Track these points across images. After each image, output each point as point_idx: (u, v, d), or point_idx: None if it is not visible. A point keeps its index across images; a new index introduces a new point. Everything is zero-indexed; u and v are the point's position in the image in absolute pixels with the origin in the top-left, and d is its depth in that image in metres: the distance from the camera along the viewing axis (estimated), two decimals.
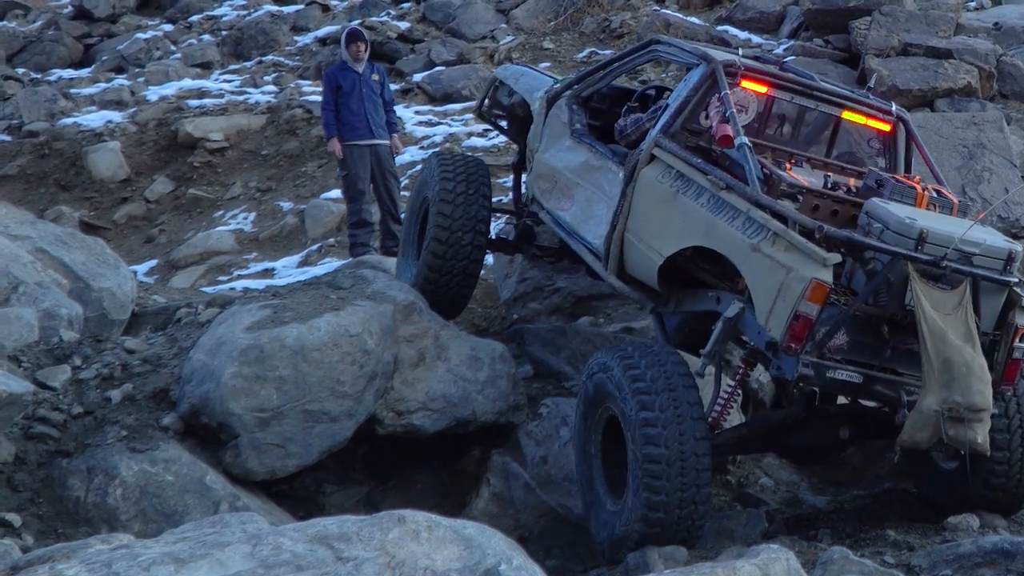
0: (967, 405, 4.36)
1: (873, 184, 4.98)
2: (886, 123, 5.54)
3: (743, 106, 5.28)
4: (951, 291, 4.47)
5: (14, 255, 5.84)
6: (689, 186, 5.00)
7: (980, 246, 4.52)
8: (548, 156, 6.07)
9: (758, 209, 4.66)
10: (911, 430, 4.46)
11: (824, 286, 4.35)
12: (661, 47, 5.72)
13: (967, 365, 4.37)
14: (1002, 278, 4.58)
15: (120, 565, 2.75)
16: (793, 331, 4.39)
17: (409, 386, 5.53)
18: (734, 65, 5.22)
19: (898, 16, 10.57)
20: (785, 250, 4.48)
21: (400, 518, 2.98)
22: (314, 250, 9.58)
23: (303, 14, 14.52)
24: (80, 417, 5.03)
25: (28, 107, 12.14)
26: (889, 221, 4.52)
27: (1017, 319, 4.66)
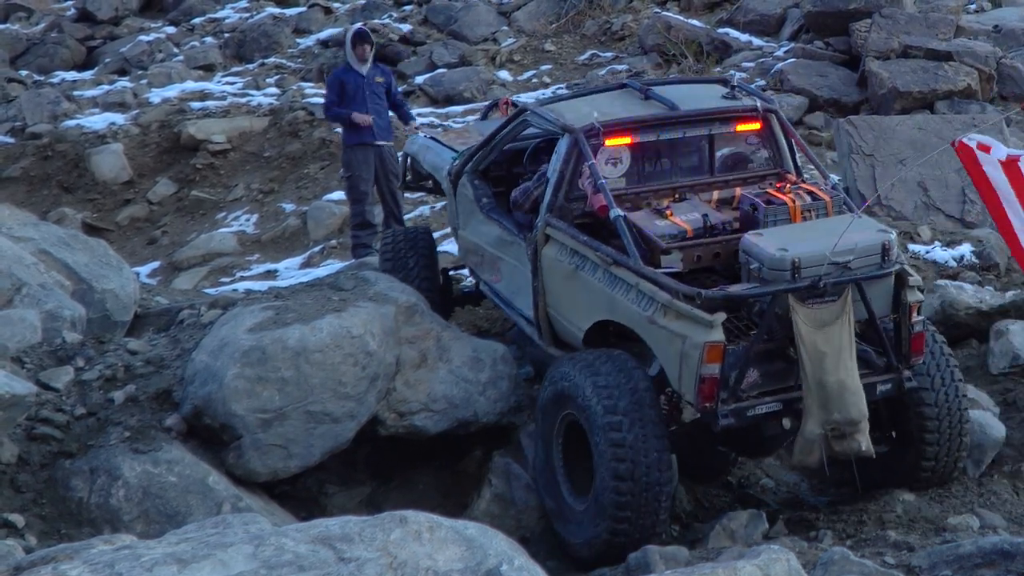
0: (845, 421, 4.68)
1: (748, 209, 5.23)
2: (754, 121, 5.67)
3: (616, 158, 5.47)
4: (833, 303, 4.71)
5: (17, 257, 5.86)
6: (585, 262, 5.26)
7: (854, 250, 4.74)
8: (468, 232, 6.33)
9: (644, 281, 4.89)
10: (799, 455, 4.80)
11: (718, 346, 4.61)
12: (531, 116, 5.85)
13: (840, 382, 4.66)
14: (882, 272, 4.83)
15: (123, 566, 2.77)
16: (703, 392, 4.66)
17: (411, 387, 5.54)
18: (593, 128, 5.38)
19: (898, 18, 10.59)
20: (676, 319, 4.73)
21: (402, 519, 2.99)
22: (316, 251, 9.59)
23: (305, 16, 14.55)
24: (83, 418, 5.05)
25: (31, 109, 12.17)
26: (763, 258, 4.76)
27: (909, 297, 4.94)
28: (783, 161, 5.71)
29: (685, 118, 5.53)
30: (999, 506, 5.33)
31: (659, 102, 5.59)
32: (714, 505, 5.66)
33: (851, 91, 10.44)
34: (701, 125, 5.58)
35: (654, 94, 5.67)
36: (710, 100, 5.71)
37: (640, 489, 4.74)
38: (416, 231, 7.00)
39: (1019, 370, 6.23)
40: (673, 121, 5.51)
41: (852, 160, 8.33)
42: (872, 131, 8.49)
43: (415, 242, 6.73)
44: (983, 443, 5.56)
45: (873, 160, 8.26)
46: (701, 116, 5.57)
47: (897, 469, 5.31)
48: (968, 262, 7.21)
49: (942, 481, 5.36)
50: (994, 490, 5.44)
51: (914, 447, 5.23)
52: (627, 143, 5.47)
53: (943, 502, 5.31)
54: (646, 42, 12.05)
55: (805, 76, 10.62)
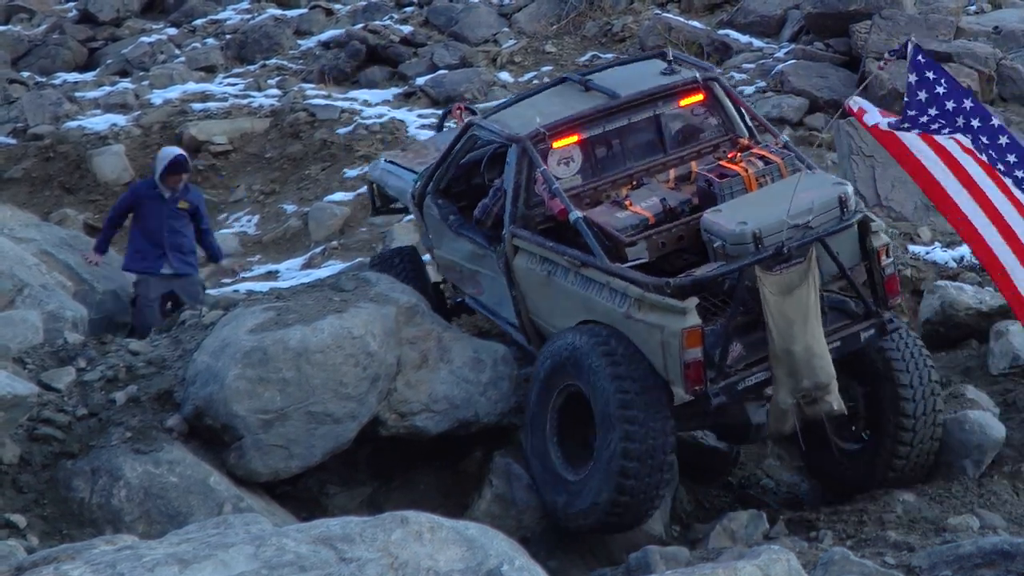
0: (815, 386, 4.78)
1: (704, 186, 5.30)
2: (696, 92, 5.70)
3: (567, 158, 5.52)
4: (798, 266, 4.79)
5: (19, 258, 5.88)
6: (556, 268, 5.32)
7: (812, 209, 4.82)
8: (443, 251, 6.38)
9: (614, 278, 4.97)
10: (774, 423, 4.92)
11: (696, 330, 4.70)
12: (477, 130, 5.89)
13: (807, 348, 4.75)
14: (843, 225, 4.93)
15: (124, 566, 2.78)
16: (690, 377, 4.74)
17: (412, 388, 5.55)
18: (539, 134, 5.42)
19: (898, 20, 10.59)
20: (651, 311, 4.82)
21: (403, 519, 3.00)
22: (317, 252, 9.61)
23: (306, 18, 14.55)
24: (84, 419, 5.06)
25: (33, 110, 12.17)
26: (725, 236, 4.85)
27: (874, 242, 5.06)
28: (734, 126, 5.76)
29: (627, 104, 5.55)
30: (999, 506, 5.34)
31: (600, 92, 5.63)
32: (714, 505, 5.67)
33: (851, 92, 10.41)
34: (645, 108, 5.61)
35: (594, 84, 5.72)
36: (650, 79, 5.74)
37: (647, 451, 4.80)
38: (401, 250, 6.99)
39: (1019, 370, 6.23)
40: (616, 109, 5.54)
41: (852, 161, 8.33)
42: None
43: (401, 259, 6.71)
44: (983, 443, 5.56)
45: (873, 161, 8.27)
46: (643, 99, 5.60)
47: (872, 465, 5.37)
48: (968, 263, 7.21)
49: (916, 476, 5.42)
50: (994, 490, 5.45)
51: (889, 440, 5.29)
52: (575, 141, 5.52)
53: (943, 502, 5.32)
54: (647, 43, 12.04)
55: (805, 77, 10.62)
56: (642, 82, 5.73)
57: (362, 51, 13.04)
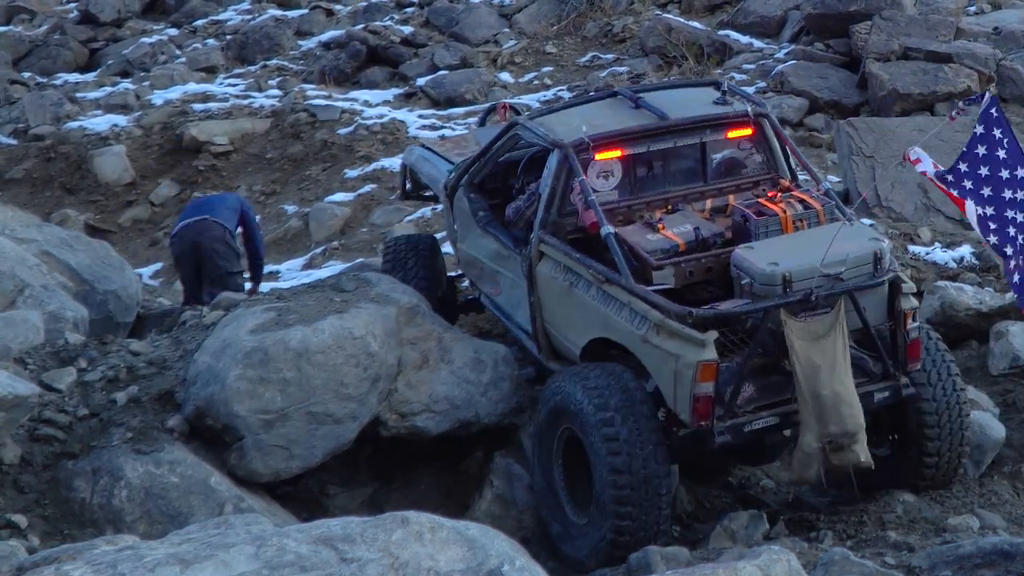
0: (842, 433, 4.67)
1: (740, 221, 5.21)
2: (746, 127, 5.63)
3: (607, 171, 5.45)
4: (826, 315, 4.70)
5: (20, 258, 5.88)
6: (578, 280, 5.25)
7: (845, 261, 4.73)
8: (466, 246, 6.34)
9: (636, 299, 4.89)
10: (798, 469, 4.80)
11: (711, 365, 4.62)
12: (521, 130, 5.83)
13: (836, 395, 4.65)
14: (873, 282, 4.84)
15: (125, 566, 2.78)
16: (697, 412, 4.67)
17: (412, 388, 5.56)
18: (583, 143, 5.35)
19: (898, 21, 10.60)
20: (669, 338, 4.74)
21: (404, 519, 3.00)
22: (318, 253, 9.62)
23: (307, 18, 14.57)
24: (85, 419, 5.06)
25: (34, 111, 12.19)
26: (754, 274, 4.77)
27: (903, 304, 4.95)
28: (777, 165, 5.70)
29: (675, 127, 5.49)
30: (999, 507, 5.35)
31: (649, 111, 5.56)
32: (715, 506, 5.67)
33: (851, 93, 10.45)
34: (692, 134, 5.55)
35: (644, 103, 5.63)
36: (701, 106, 5.67)
37: (639, 482, 4.75)
38: (419, 237, 6.99)
39: (1019, 371, 6.24)
40: (663, 131, 5.48)
41: (852, 162, 8.34)
42: (872, 133, 8.50)
43: (417, 247, 6.72)
44: (983, 444, 5.57)
45: (873, 162, 8.28)
46: (691, 124, 5.53)
47: (899, 471, 5.31)
48: (968, 263, 7.22)
49: (945, 482, 5.36)
50: (994, 490, 5.46)
51: (916, 448, 5.23)
52: (617, 156, 5.44)
53: (943, 503, 5.32)
54: (647, 44, 12.06)
55: (805, 78, 10.63)
56: (693, 108, 5.64)
57: (363, 52, 13.05)
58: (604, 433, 4.78)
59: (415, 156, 7.18)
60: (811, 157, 9.34)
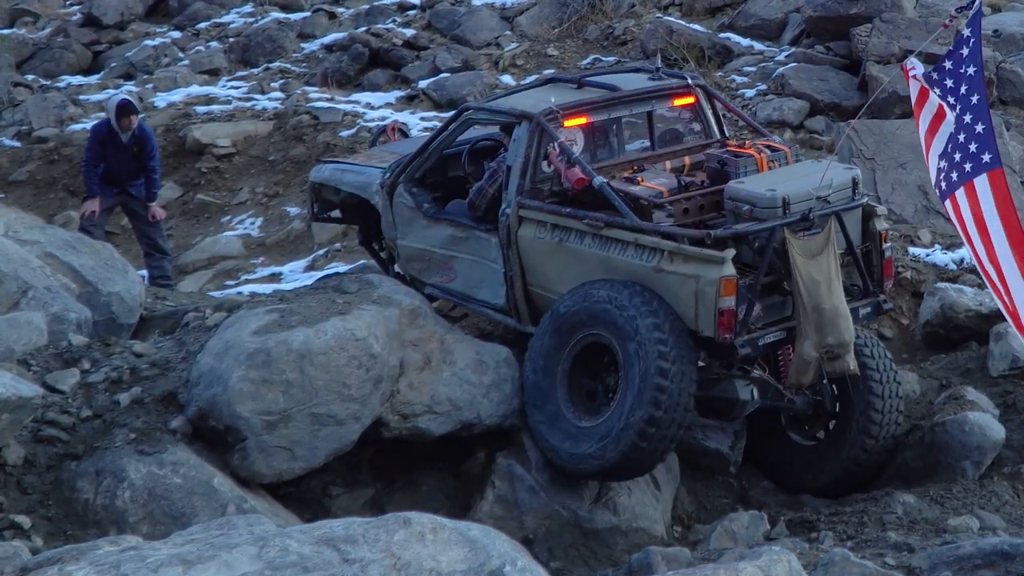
0: (838, 343, 5.11)
1: (717, 166, 5.61)
2: (688, 95, 6.17)
3: (571, 139, 5.80)
4: (819, 234, 5.14)
5: (23, 260, 5.89)
6: (568, 234, 5.55)
7: (831, 186, 5.19)
8: (409, 240, 6.46)
9: (645, 235, 5.23)
10: (796, 374, 5.23)
11: (732, 279, 4.99)
12: (474, 113, 6.15)
13: (834, 308, 5.08)
14: (856, 203, 5.37)
15: (128, 567, 2.78)
16: (722, 324, 5.01)
17: (415, 390, 5.57)
18: (552, 111, 5.74)
19: (898, 23, 10.60)
20: (685, 262, 5.09)
21: (406, 520, 3.01)
22: (320, 255, 9.64)
23: (310, 21, 14.59)
24: (89, 420, 5.08)
25: (37, 113, 12.21)
26: (755, 199, 5.15)
27: (877, 226, 5.49)
28: (714, 132, 6.18)
29: (629, 97, 5.94)
30: (999, 507, 5.36)
31: (596, 87, 6.00)
32: (715, 506, 5.69)
33: (852, 95, 10.45)
34: (644, 102, 6.02)
35: (588, 81, 6.11)
36: (640, 82, 6.15)
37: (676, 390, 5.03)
38: None
39: (1019, 372, 6.26)
40: (619, 101, 5.92)
41: (853, 164, 8.35)
42: (873, 135, 8.51)
43: None
44: (983, 445, 5.59)
45: (874, 164, 8.29)
46: (644, 94, 6.02)
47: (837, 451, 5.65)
48: (968, 265, 7.22)
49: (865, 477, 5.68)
50: (994, 491, 5.47)
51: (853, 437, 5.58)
52: (583, 123, 5.83)
53: (943, 503, 5.34)
54: (648, 47, 12.07)
55: (806, 80, 10.64)
56: (636, 84, 6.13)
57: (365, 54, 13.07)
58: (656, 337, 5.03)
59: (327, 171, 7.10)
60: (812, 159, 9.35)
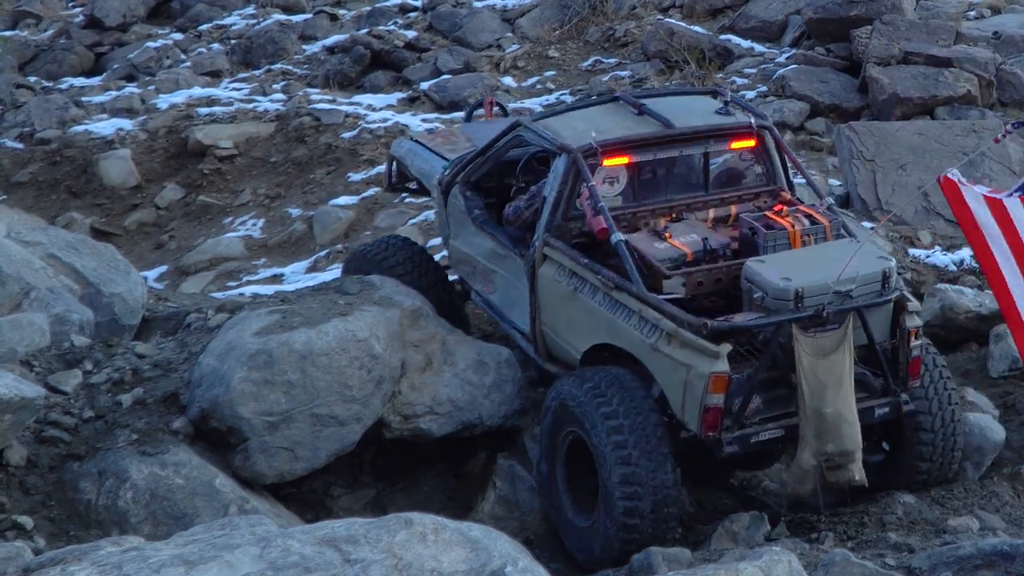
0: (839, 452, 4.74)
1: (748, 233, 5.23)
2: (749, 138, 5.64)
3: (613, 177, 5.45)
4: (835, 331, 4.75)
5: (26, 261, 5.91)
6: (584, 284, 5.23)
7: (855, 279, 4.78)
8: (459, 243, 6.28)
9: (648, 308, 4.89)
10: (793, 484, 4.89)
11: (723, 377, 4.63)
12: (524, 131, 5.79)
13: (838, 414, 4.70)
14: (881, 300, 4.88)
15: (131, 567, 2.79)
16: (707, 422, 4.70)
17: (416, 390, 5.59)
18: (591, 148, 5.34)
19: (899, 25, 10.61)
20: (680, 347, 4.75)
21: (407, 520, 3.01)
22: (322, 256, 9.65)
23: (311, 23, 14.61)
24: (91, 421, 5.09)
25: (40, 115, 12.23)
26: (767, 288, 4.79)
27: (907, 323, 5.00)
28: (776, 177, 5.70)
29: (681, 136, 5.50)
30: (999, 508, 5.36)
31: (653, 118, 5.56)
32: (716, 507, 5.69)
33: (852, 97, 10.47)
34: (697, 143, 5.55)
35: (648, 110, 5.64)
36: (703, 115, 5.68)
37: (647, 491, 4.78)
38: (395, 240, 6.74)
39: (1018, 373, 6.26)
40: (670, 140, 5.49)
41: (853, 165, 8.36)
42: (873, 137, 8.52)
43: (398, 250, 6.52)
44: (983, 446, 5.59)
45: (874, 166, 8.29)
46: (697, 134, 5.54)
47: (893, 476, 5.36)
48: (968, 266, 7.23)
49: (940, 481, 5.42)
50: (994, 492, 5.47)
51: (909, 454, 5.28)
52: (624, 163, 5.44)
53: (943, 504, 5.34)
54: (649, 48, 12.09)
55: (806, 82, 10.65)
56: (696, 116, 5.66)
57: (366, 56, 13.09)
58: (613, 441, 4.79)
59: (405, 149, 7.02)
60: (812, 161, 9.37)
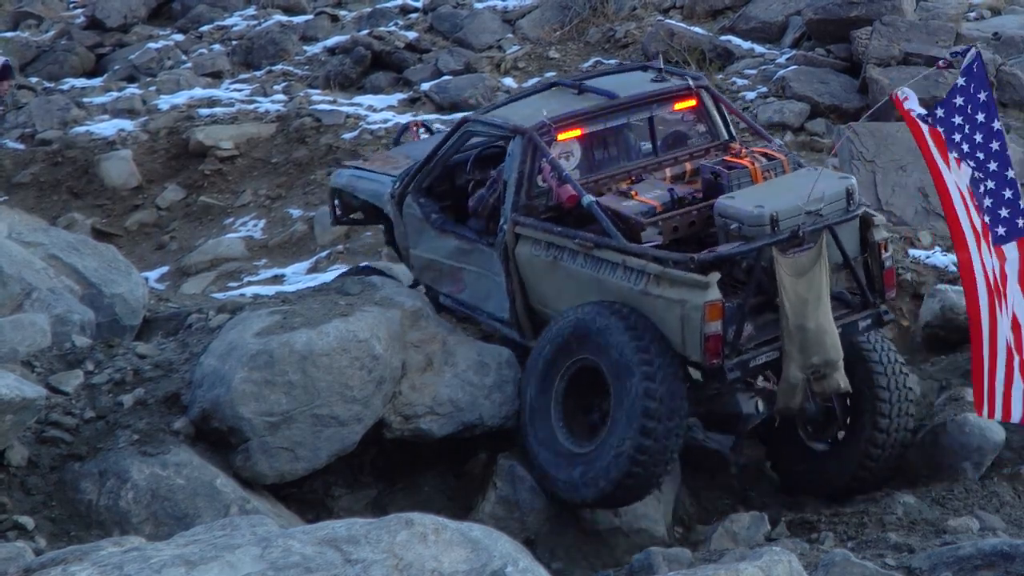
0: (825, 362, 4.97)
1: (711, 177, 5.44)
2: (690, 98, 5.94)
3: (567, 152, 5.67)
4: (809, 250, 4.96)
5: (27, 262, 5.91)
6: (563, 252, 5.43)
7: (823, 199, 5.01)
8: (420, 251, 6.42)
9: (631, 257, 5.09)
10: (783, 397, 5.06)
11: (717, 304, 4.84)
12: (473, 125, 6.00)
13: (820, 327, 4.93)
14: (850, 215, 5.14)
15: (132, 567, 2.80)
16: (709, 350, 4.88)
17: (417, 391, 5.59)
18: (544, 125, 5.57)
19: (899, 26, 10.61)
20: (671, 286, 4.95)
21: (408, 521, 3.02)
22: (323, 257, 9.66)
23: (312, 24, 14.62)
24: (92, 421, 5.10)
25: (41, 116, 12.24)
26: (742, 217, 4.99)
27: (876, 236, 5.27)
28: (721, 132, 5.96)
29: (627, 104, 5.76)
30: (999, 508, 5.37)
31: (595, 94, 5.81)
32: (716, 507, 5.70)
33: (852, 97, 10.46)
34: (642, 109, 5.83)
35: (588, 87, 5.90)
36: (641, 85, 5.95)
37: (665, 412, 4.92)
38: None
39: None
40: (617, 108, 5.74)
41: (853, 166, 8.36)
42: (873, 137, 8.52)
43: None
44: (983, 446, 5.59)
45: (874, 166, 8.30)
46: (641, 100, 5.82)
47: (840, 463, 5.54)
48: None
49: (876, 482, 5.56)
50: (994, 492, 5.48)
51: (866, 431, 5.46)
52: (577, 135, 5.68)
53: (943, 504, 5.35)
54: (649, 49, 12.08)
55: (807, 83, 10.65)
56: (636, 87, 5.95)
57: (367, 57, 13.10)
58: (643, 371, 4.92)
59: (345, 178, 7.08)
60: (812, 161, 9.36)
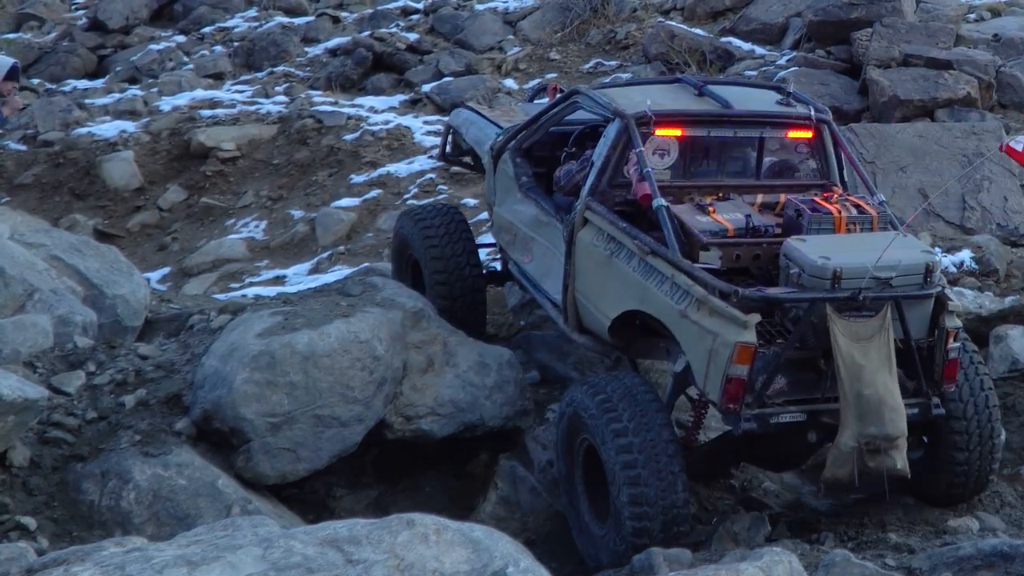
0: (882, 436, 4.51)
1: (793, 215, 5.09)
2: (807, 129, 5.55)
3: (664, 149, 5.35)
4: (872, 317, 4.57)
5: (29, 263, 5.93)
6: (620, 249, 5.14)
7: (896, 267, 4.61)
8: (503, 210, 6.22)
9: (680, 274, 4.78)
10: (832, 467, 4.60)
11: (749, 347, 4.48)
12: (581, 98, 5.73)
13: (880, 397, 4.50)
14: (922, 292, 4.70)
15: (133, 568, 2.79)
16: (728, 393, 4.55)
17: (418, 392, 5.60)
18: (645, 116, 5.27)
19: (899, 27, 10.62)
20: (709, 315, 4.61)
21: (409, 521, 3.02)
22: (324, 258, 9.67)
23: (313, 25, 14.64)
24: (94, 422, 5.11)
25: (43, 117, 12.26)
26: (804, 265, 4.64)
27: (947, 323, 4.79)
28: (830, 173, 5.60)
29: (738, 117, 5.42)
30: (999, 509, 5.37)
31: (713, 99, 5.50)
32: (717, 508, 5.70)
33: (852, 99, 10.47)
34: (753, 127, 5.47)
35: (708, 91, 5.57)
36: (764, 103, 5.61)
37: (656, 505, 4.67)
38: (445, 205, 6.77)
39: (1018, 375, 6.27)
40: (726, 119, 5.41)
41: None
42: (873, 139, 8.53)
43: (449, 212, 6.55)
44: None
45: (874, 167, 8.31)
46: (754, 117, 5.46)
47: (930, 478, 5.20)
48: (968, 268, 7.24)
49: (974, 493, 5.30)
50: (995, 492, 5.48)
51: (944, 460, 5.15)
52: (677, 135, 5.35)
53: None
54: (650, 51, 12.10)
55: (807, 84, 10.63)
56: (756, 103, 5.60)
57: (368, 58, 13.12)
58: (622, 460, 4.67)
59: (461, 118, 6.99)
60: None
